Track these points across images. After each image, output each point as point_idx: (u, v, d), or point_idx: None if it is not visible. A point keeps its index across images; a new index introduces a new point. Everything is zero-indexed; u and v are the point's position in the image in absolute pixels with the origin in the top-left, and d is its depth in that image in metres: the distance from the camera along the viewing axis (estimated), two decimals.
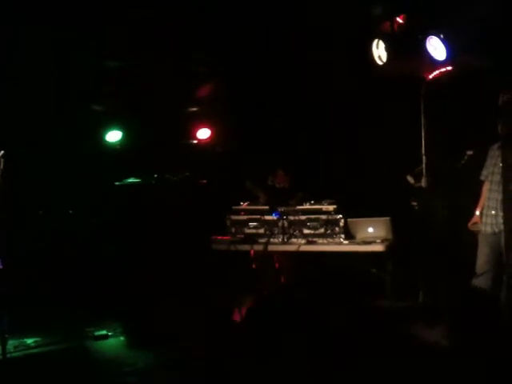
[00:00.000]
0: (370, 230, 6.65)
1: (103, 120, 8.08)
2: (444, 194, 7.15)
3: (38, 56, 6.92)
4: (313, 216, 6.85)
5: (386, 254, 6.48)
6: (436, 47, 6.61)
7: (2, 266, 5.84)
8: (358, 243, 6.64)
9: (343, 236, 6.71)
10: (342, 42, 7.19)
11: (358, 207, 7.01)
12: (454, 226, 6.89)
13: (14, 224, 6.62)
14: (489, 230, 6.01)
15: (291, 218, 6.93)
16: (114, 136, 8.11)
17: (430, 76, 6.84)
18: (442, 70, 6.76)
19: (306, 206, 6.97)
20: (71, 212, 8.03)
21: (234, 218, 7.22)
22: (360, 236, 6.69)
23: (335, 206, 6.82)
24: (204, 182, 8.43)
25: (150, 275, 7.25)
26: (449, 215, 7.09)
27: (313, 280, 6.82)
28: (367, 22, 6.88)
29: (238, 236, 7.13)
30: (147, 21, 7.07)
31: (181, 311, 6.28)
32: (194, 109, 8.58)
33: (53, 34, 6.85)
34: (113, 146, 8.15)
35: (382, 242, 6.53)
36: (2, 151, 5.78)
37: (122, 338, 6.45)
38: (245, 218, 7.16)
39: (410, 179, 6.91)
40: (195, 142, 8.66)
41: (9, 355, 5.85)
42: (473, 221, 6.22)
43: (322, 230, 6.79)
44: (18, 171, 6.36)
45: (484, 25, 6.30)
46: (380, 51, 6.75)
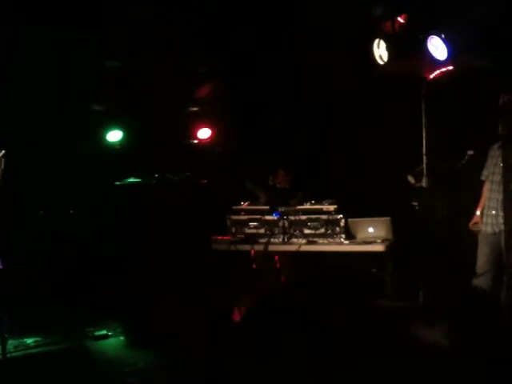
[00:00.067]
0: (371, 230, 6.65)
1: (103, 120, 8.08)
2: (444, 194, 7.15)
3: (37, 56, 6.91)
4: (313, 216, 6.84)
5: (387, 253, 6.48)
6: (437, 47, 6.61)
7: (1, 266, 5.83)
8: (359, 243, 6.64)
9: (344, 236, 6.71)
10: (343, 42, 7.19)
11: (358, 207, 7.01)
12: (454, 225, 6.89)
13: (14, 224, 6.63)
14: (489, 229, 6.01)
15: (292, 217, 6.92)
16: (115, 136, 8.11)
17: (431, 76, 6.84)
18: (443, 69, 6.76)
19: (307, 206, 6.96)
20: (71, 212, 8.02)
21: (235, 217, 7.21)
22: (360, 236, 6.69)
23: (336, 206, 6.81)
24: (204, 181, 8.43)
25: (150, 275, 7.24)
26: (449, 215, 7.09)
27: (313, 280, 6.81)
28: (368, 22, 6.89)
29: (239, 236, 7.12)
30: (147, 21, 7.07)
31: (181, 311, 6.28)
32: (194, 109, 8.59)
33: (53, 33, 6.84)
34: (113, 146, 8.15)
35: (383, 241, 6.52)
36: (3, 151, 5.78)
37: (121, 338, 6.45)
38: (245, 217, 7.15)
39: (411, 179, 6.92)
40: (195, 141, 8.66)
41: (9, 355, 5.85)
42: (473, 221, 6.22)
43: (322, 230, 6.79)
44: (18, 171, 6.35)
45: (484, 25, 6.30)
46: (381, 51, 6.76)
